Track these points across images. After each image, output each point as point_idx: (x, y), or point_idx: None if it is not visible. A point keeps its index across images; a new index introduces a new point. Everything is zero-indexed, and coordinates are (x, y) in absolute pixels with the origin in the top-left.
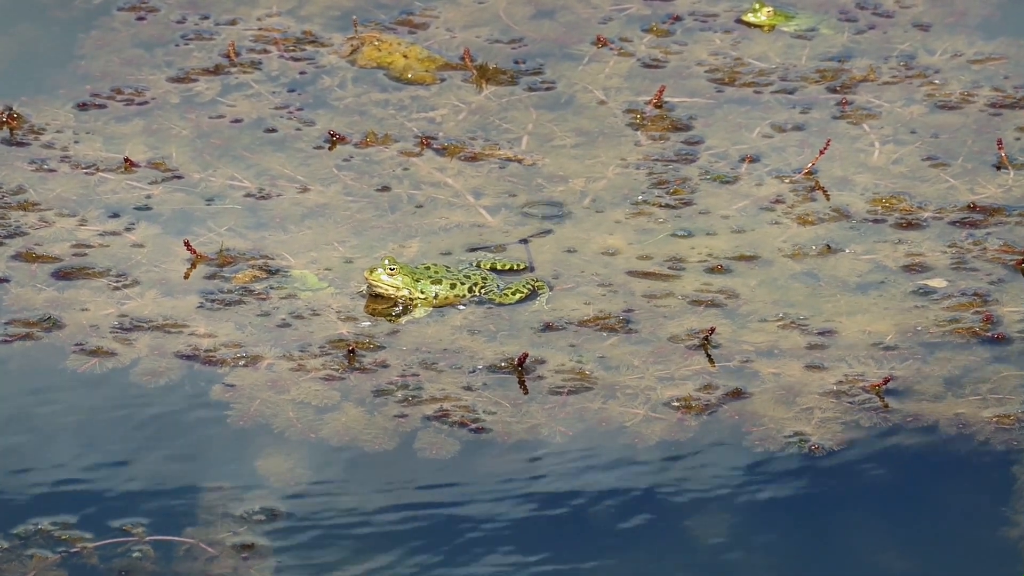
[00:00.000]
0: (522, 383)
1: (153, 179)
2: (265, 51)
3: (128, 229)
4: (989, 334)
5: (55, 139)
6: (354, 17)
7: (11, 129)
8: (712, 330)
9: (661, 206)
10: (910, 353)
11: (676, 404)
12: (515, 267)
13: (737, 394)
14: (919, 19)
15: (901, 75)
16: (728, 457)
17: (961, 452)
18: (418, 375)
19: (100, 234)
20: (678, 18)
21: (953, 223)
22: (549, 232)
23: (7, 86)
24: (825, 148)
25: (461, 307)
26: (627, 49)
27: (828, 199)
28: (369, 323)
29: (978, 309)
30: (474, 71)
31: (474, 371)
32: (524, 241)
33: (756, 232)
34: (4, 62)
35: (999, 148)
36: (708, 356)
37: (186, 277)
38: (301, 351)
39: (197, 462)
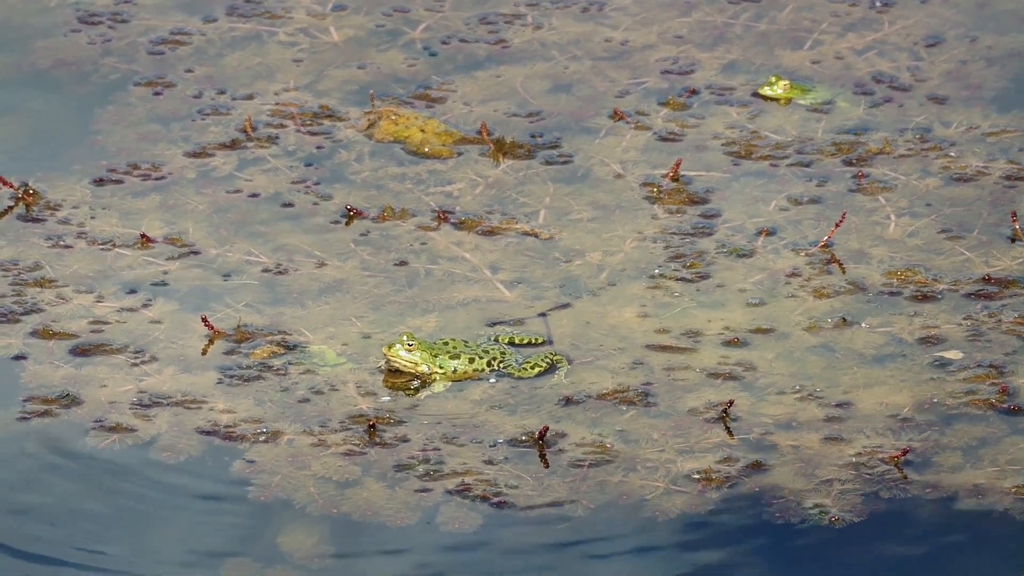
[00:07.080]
0: (543, 456)
1: (170, 255)
2: (282, 125)
3: (145, 305)
4: (1006, 405)
5: (71, 215)
6: (371, 91)
7: (27, 205)
8: (731, 403)
9: (678, 279)
10: (927, 425)
11: (696, 476)
12: (533, 341)
13: (757, 466)
14: (935, 92)
15: (917, 148)
16: (749, 529)
17: (980, 523)
18: (439, 449)
19: (117, 310)
20: (695, 91)
21: (968, 295)
22: (567, 306)
23: (23, 162)
24: (841, 221)
25: (492, 380)
26: (644, 122)
27: (844, 272)
28: (389, 398)
29: (994, 381)
30: (491, 145)
31: (495, 445)
32: (543, 315)
33: (773, 305)
34: (20, 138)
35: (1014, 221)
36: (727, 429)
37: (204, 353)
38: (321, 426)
39: (219, 537)
